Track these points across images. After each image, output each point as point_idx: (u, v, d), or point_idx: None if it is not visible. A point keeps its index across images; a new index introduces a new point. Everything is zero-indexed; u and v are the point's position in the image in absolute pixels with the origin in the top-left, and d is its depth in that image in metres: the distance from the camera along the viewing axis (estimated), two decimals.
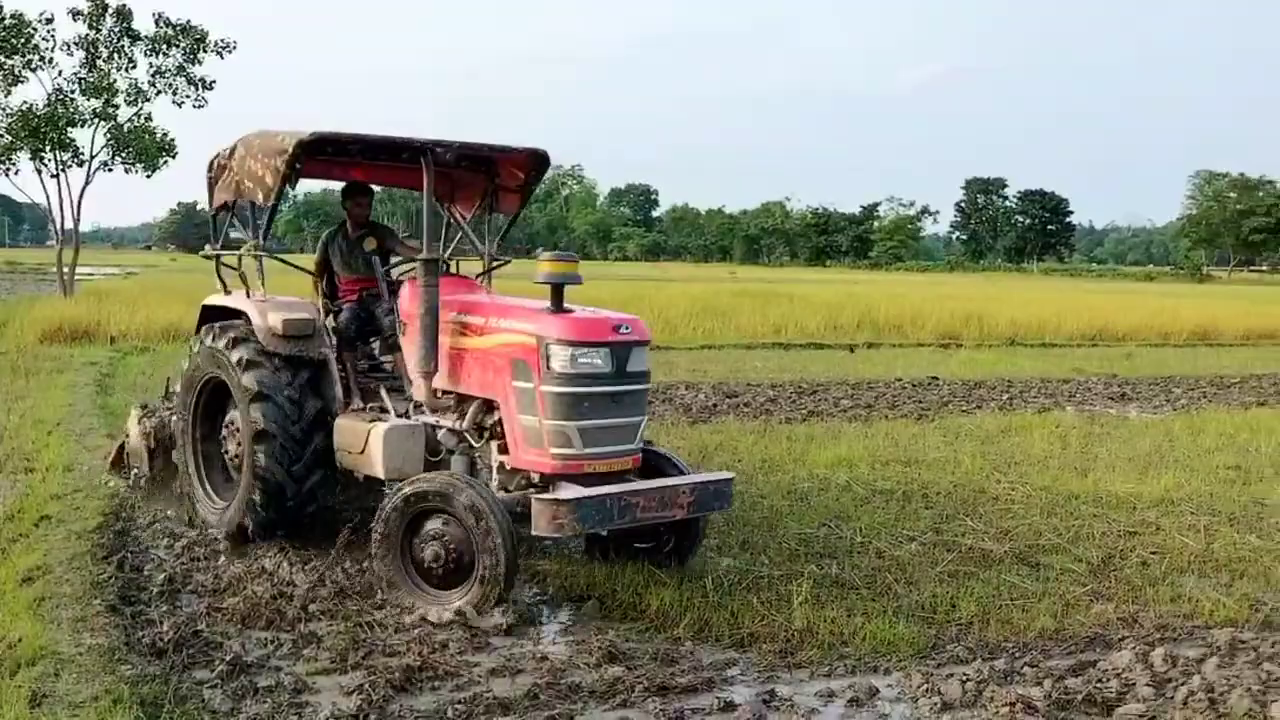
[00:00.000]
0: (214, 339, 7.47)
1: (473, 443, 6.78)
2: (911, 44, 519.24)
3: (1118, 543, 7.75)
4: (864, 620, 6.00)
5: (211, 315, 7.89)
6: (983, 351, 23.47)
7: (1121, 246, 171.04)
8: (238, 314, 7.57)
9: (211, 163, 8.01)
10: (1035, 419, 13.36)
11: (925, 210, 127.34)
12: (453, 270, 7.99)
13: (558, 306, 6.38)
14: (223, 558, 7.10)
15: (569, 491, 5.99)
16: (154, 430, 8.47)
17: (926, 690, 5.10)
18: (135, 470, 8.62)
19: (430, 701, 4.93)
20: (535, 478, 6.38)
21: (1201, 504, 8.96)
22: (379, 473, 6.87)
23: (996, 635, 5.92)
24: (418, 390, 7.07)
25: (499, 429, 6.59)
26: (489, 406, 6.66)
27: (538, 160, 7.80)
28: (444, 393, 6.93)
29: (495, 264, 8.04)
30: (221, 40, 28.65)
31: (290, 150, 6.93)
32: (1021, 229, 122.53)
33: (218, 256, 8.06)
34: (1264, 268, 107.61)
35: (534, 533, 5.92)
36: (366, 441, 6.91)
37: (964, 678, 5.21)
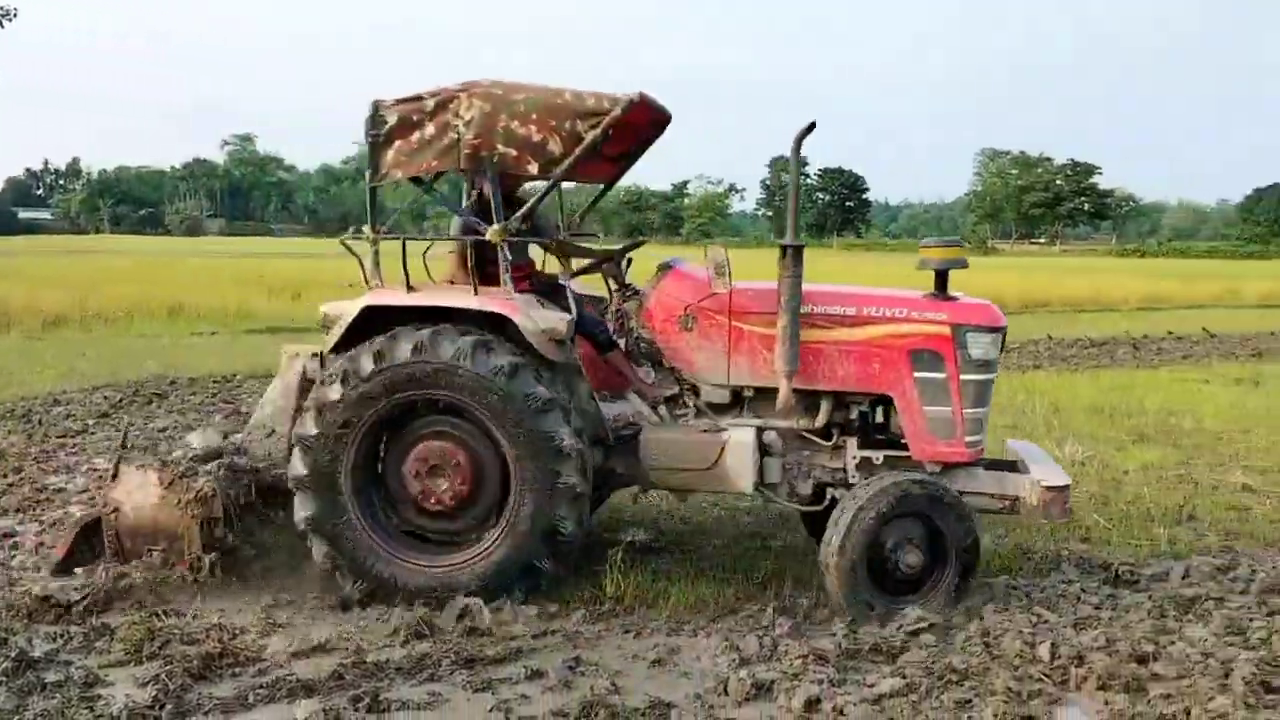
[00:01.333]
0: (430, 346, 5.59)
1: (820, 442, 6.15)
2: (718, 26, 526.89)
3: None
4: (668, 584, 6.09)
5: (369, 320, 5.79)
6: None
7: (914, 222, 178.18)
8: (431, 314, 5.73)
9: (381, 118, 5.89)
10: None
11: (733, 188, 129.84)
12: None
13: (945, 293, 6.11)
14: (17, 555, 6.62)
15: (1058, 477, 5.92)
16: (219, 485, 5.94)
17: (726, 647, 5.18)
18: (156, 553, 5.93)
19: (231, 688, 4.73)
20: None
21: None
22: (742, 488, 6.02)
23: (793, 592, 6.08)
24: (711, 393, 6.16)
25: (854, 424, 6.15)
26: (841, 401, 6.12)
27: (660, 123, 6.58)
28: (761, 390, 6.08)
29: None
30: None
31: (614, 113, 5.71)
32: (822, 205, 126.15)
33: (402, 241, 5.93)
34: (1042, 240, 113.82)
35: (1043, 520, 5.91)
36: (721, 454, 5.98)
37: (761, 633, 5.33)
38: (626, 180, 9.07)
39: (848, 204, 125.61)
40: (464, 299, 5.75)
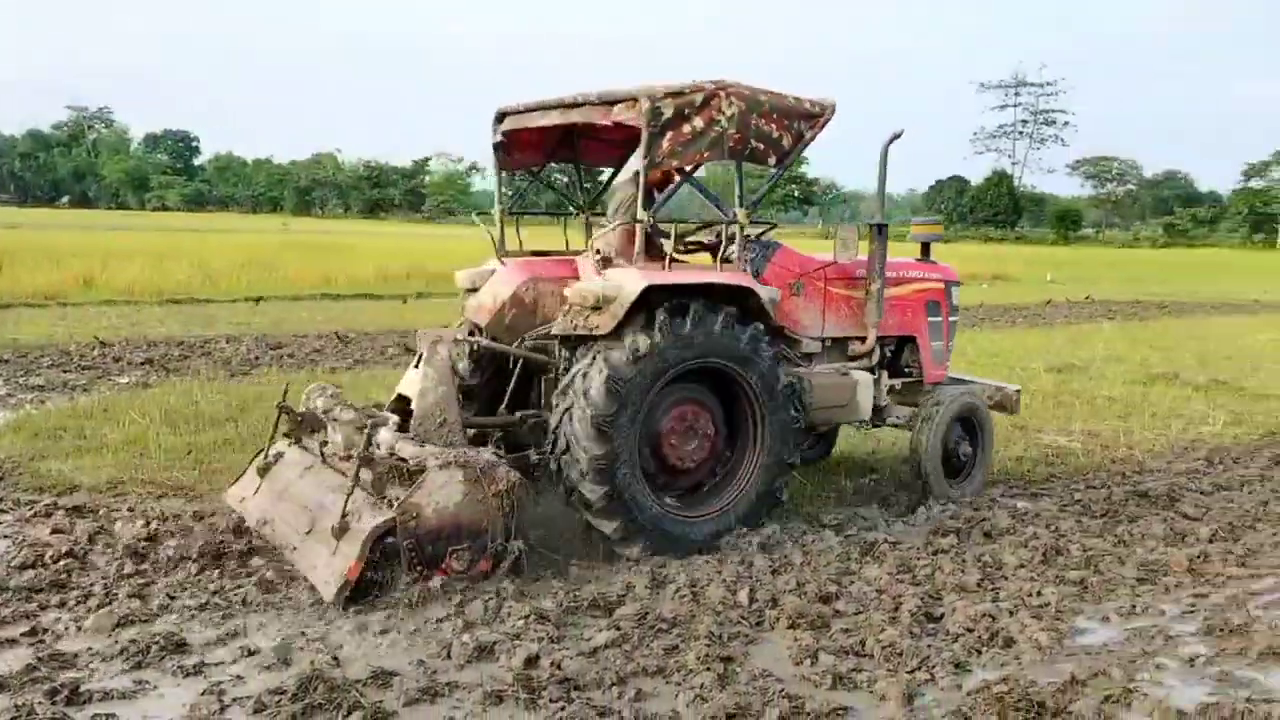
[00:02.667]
0: (704, 320, 6.14)
1: (876, 376, 7.54)
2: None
3: None
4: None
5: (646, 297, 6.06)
6: None
7: (677, 201, 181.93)
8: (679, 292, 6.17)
9: (658, 110, 6.04)
10: None
11: (474, 166, 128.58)
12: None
13: (928, 258, 8.23)
14: None
15: (1012, 387, 8.41)
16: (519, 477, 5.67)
17: (454, 614, 5.19)
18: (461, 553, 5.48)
19: None
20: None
21: None
22: (864, 417, 7.39)
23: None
24: (809, 345, 7.29)
25: (887, 360, 7.80)
26: (883, 343, 7.63)
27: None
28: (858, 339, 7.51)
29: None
30: None
31: (822, 117, 6.67)
32: (561, 186, 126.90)
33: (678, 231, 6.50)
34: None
35: (1012, 413, 8.38)
36: (854, 392, 7.20)
37: (487, 597, 5.38)
38: (364, 153, 9.40)
39: (585, 185, 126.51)
40: (715, 275, 6.39)
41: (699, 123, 6.17)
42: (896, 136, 7.17)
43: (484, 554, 5.53)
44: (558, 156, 7.53)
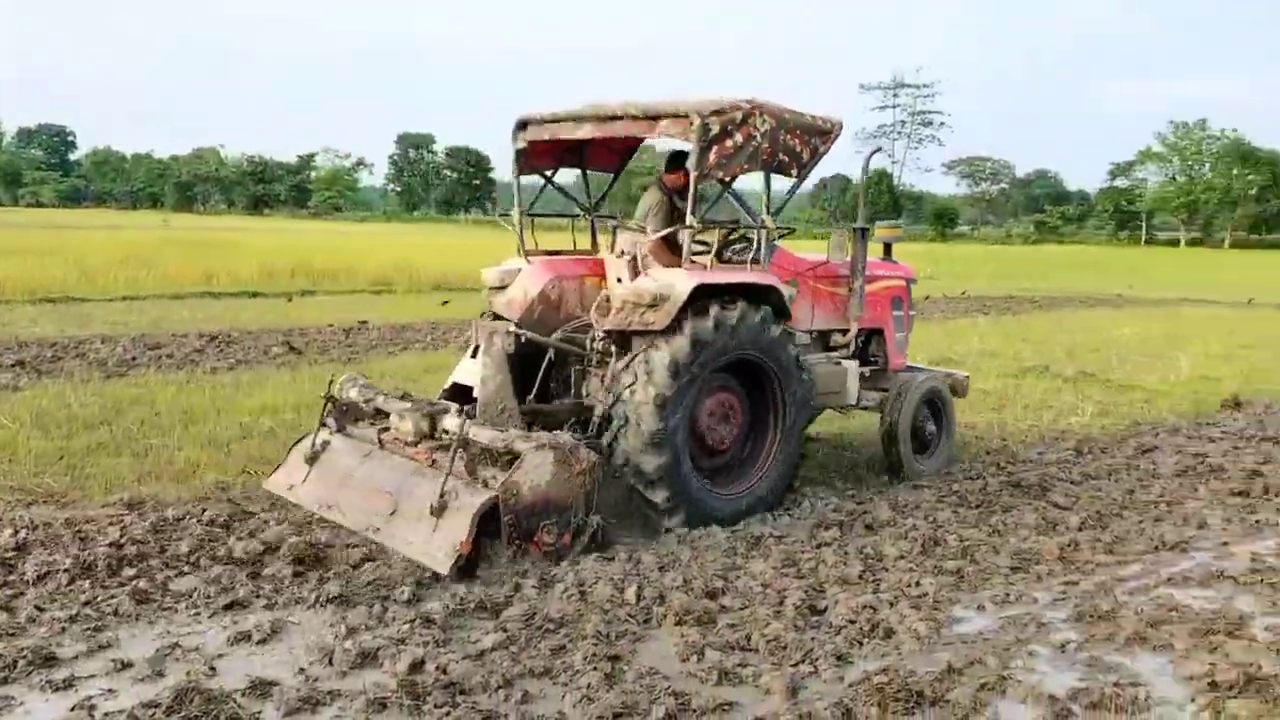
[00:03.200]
0: (746, 317, 6.81)
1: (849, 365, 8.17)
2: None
3: None
4: (277, 559, 5.85)
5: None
6: (412, 297, 23.81)
7: (541, 199, 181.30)
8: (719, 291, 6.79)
9: (707, 126, 6.54)
10: (455, 358, 13.78)
11: (361, 162, 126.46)
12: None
13: (890, 258, 8.98)
14: None
15: (960, 373, 9.35)
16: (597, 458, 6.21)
17: (337, 620, 5.07)
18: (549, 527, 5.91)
19: None
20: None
21: None
22: (850, 401, 8.20)
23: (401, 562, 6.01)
24: (800, 336, 7.85)
25: (858, 351, 8.45)
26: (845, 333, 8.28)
27: None
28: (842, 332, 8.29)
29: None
30: None
31: (833, 134, 7.31)
32: (451, 183, 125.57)
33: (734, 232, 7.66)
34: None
35: (961, 396, 9.15)
36: (845, 381, 8.05)
37: (371, 603, 5.26)
38: (248, 149, 9.66)
39: (474, 182, 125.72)
40: (749, 275, 6.97)
41: (739, 138, 6.70)
42: (877, 151, 9.25)
43: (568, 528, 5.96)
44: (565, 162, 7.99)
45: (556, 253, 7.91)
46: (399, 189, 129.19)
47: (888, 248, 9.07)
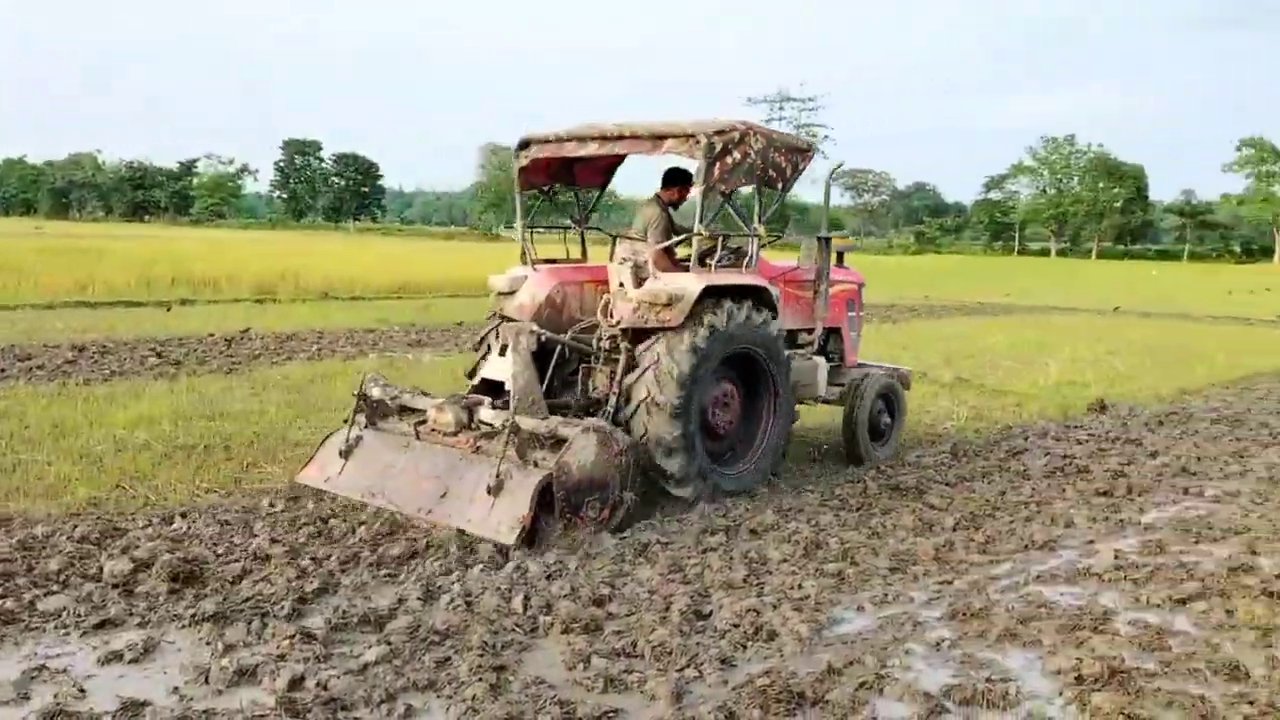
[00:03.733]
0: (749, 313, 7.68)
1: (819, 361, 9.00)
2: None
3: None
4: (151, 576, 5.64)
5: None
6: (297, 305, 23.29)
7: (428, 209, 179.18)
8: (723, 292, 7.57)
9: (713, 144, 7.35)
10: (341, 366, 13.55)
11: (245, 169, 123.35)
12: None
13: (843, 265, 9.87)
14: None
15: (905, 368, 10.41)
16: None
17: (214, 637, 4.91)
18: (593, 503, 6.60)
19: None
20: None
21: None
22: (820, 393, 9.00)
23: (282, 578, 5.85)
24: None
25: (821, 348, 9.20)
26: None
27: None
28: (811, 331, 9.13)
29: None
30: None
31: (809, 153, 8.38)
32: (338, 190, 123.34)
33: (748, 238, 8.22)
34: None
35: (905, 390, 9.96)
36: (816, 375, 8.86)
37: (249, 619, 5.11)
38: (126, 154, 9.57)
39: (362, 189, 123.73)
40: (746, 278, 7.84)
41: (738, 155, 7.52)
42: (838, 167, 9.66)
43: (608, 504, 6.64)
44: (558, 178, 8.70)
45: (553, 261, 8.50)
46: (285, 196, 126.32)
47: (840, 256, 9.84)
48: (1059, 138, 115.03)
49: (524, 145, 8.18)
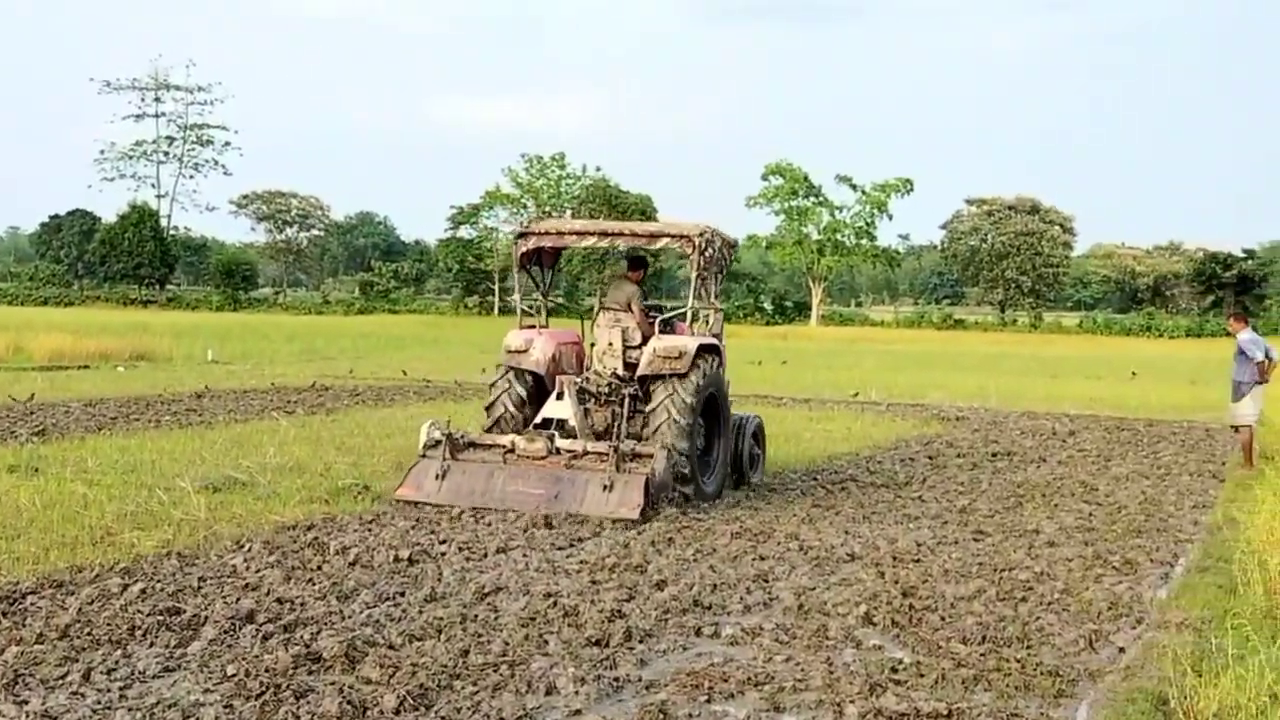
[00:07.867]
0: (717, 366, 16.17)
1: None
2: None
3: None
4: None
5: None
6: None
7: None
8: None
9: (701, 243, 15.81)
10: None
11: None
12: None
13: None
14: None
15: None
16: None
17: None
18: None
19: None
20: None
21: None
22: None
23: None
24: None
25: None
26: None
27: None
28: None
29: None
30: None
31: (735, 247, 19.38)
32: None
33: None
34: None
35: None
36: None
37: None
38: None
39: None
40: (710, 340, 16.14)
41: (712, 251, 15.93)
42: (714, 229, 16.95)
43: (671, 498, 14.61)
44: (529, 260, 16.52)
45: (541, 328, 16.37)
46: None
47: (668, 322, 16.54)
48: (545, 157, 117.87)
49: (523, 235, 16.44)
